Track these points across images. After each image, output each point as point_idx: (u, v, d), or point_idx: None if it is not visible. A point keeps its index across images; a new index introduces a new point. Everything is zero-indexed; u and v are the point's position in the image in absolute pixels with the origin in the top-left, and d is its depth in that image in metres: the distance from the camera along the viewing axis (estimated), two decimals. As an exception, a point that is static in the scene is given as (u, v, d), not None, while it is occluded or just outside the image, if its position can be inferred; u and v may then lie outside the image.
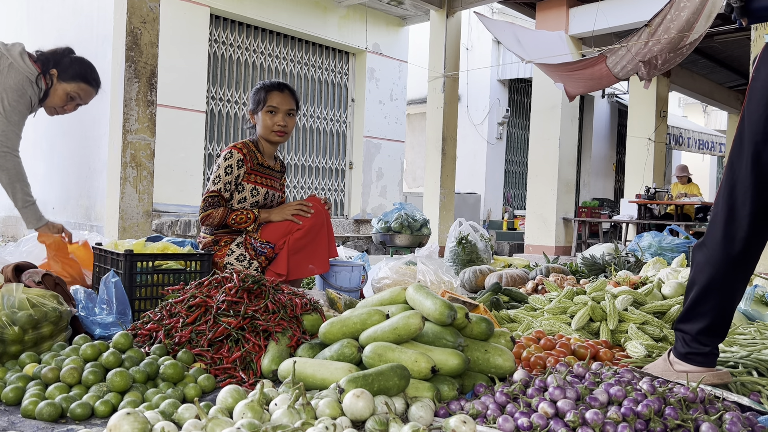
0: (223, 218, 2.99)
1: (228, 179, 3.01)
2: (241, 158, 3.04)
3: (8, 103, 2.78)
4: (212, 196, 3.00)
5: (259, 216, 3.02)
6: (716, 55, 11.09)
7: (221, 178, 3.00)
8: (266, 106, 3.13)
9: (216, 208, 2.99)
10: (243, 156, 3.06)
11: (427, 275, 3.14)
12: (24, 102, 2.84)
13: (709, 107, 17.40)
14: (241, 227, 3.02)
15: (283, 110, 3.14)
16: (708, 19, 5.44)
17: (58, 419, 1.52)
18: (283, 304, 2.08)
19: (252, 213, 3.01)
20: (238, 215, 3.00)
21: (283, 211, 3.04)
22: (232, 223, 3.00)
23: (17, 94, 2.80)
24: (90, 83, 3.03)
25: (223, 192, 3.01)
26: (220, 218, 2.99)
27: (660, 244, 4.87)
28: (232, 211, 3.01)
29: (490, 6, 10.84)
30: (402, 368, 1.59)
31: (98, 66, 3.13)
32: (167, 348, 1.93)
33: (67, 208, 7.00)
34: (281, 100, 3.14)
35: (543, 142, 8.76)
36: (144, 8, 4.23)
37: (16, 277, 2.28)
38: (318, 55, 9.35)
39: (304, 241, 3.03)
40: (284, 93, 3.16)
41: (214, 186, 3.01)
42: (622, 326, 2.46)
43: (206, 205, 3.00)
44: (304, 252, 3.05)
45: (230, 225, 3.02)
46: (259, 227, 3.05)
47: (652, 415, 1.42)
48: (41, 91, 2.91)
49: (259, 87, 3.18)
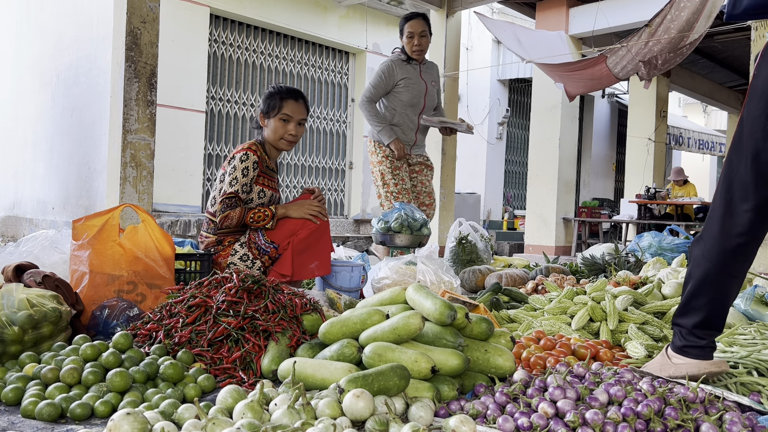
0: (241, 218, 2.99)
1: (245, 181, 3.02)
2: (256, 160, 3.05)
3: None
4: (230, 197, 2.99)
5: (276, 213, 3.02)
6: (716, 55, 11.09)
7: (238, 180, 3.00)
8: (280, 113, 3.11)
9: (233, 209, 2.99)
10: (257, 158, 3.06)
11: (427, 275, 3.14)
12: None
13: (709, 107, 17.40)
14: (260, 225, 3.02)
15: (296, 120, 3.14)
16: (708, 19, 5.44)
17: (58, 419, 1.52)
18: (282, 304, 2.08)
19: (270, 210, 3.01)
20: (256, 213, 3.00)
21: (302, 209, 3.05)
22: (250, 221, 3.00)
23: None
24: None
25: (240, 194, 3.01)
26: (238, 218, 2.99)
27: (660, 244, 4.87)
28: (249, 210, 3.01)
29: (490, 6, 10.83)
30: (402, 368, 1.59)
31: (98, 66, 3.13)
32: (167, 348, 1.92)
33: (67, 208, 6.99)
34: (295, 109, 3.13)
35: (543, 142, 8.75)
36: (144, 8, 4.23)
37: (16, 278, 2.28)
38: (318, 55, 9.35)
39: (308, 241, 3.04)
40: (299, 102, 3.15)
41: (231, 188, 3.00)
42: (622, 326, 2.46)
43: (224, 207, 2.99)
44: (308, 253, 3.06)
45: (249, 224, 3.02)
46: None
47: (652, 415, 1.42)
48: None
49: (275, 92, 3.15)
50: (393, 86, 4.62)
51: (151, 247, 2.56)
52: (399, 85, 4.60)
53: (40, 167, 7.58)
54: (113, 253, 2.51)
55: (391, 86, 4.61)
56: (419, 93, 4.66)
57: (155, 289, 2.51)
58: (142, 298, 2.49)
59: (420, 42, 4.53)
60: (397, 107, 4.65)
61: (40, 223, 7.34)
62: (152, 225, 2.60)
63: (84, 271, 2.49)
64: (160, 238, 2.59)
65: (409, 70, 4.61)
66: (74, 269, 2.54)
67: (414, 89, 4.63)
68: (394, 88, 4.62)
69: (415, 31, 4.50)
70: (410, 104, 4.65)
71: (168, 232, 6.70)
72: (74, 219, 2.60)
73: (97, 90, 6.40)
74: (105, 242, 2.52)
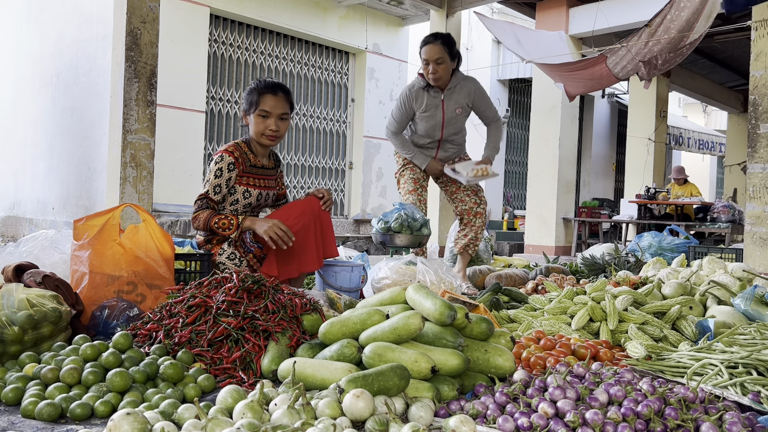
0: (207, 221, 2.91)
1: (217, 182, 2.96)
2: (232, 161, 2.98)
3: None
4: (201, 198, 2.96)
5: (242, 224, 2.90)
6: (716, 55, 11.09)
7: (210, 181, 2.96)
8: (258, 109, 3.03)
9: (203, 210, 2.94)
10: (234, 159, 3.00)
11: (427, 275, 3.14)
12: None
13: (709, 107, 17.40)
14: (224, 234, 2.93)
15: (276, 114, 3.05)
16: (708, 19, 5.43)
17: (57, 419, 1.52)
18: (282, 304, 2.08)
19: (235, 219, 2.90)
20: (220, 220, 2.90)
21: (265, 227, 2.84)
22: (214, 226, 2.90)
23: None
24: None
25: (211, 194, 2.96)
26: (204, 221, 2.92)
27: (660, 244, 4.87)
28: (216, 215, 2.91)
29: (490, 6, 10.83)
30: (402, 368, 1.59)
31: (98, 66, 3.13)
32: (167, 348, 1.92)
33: (67, 208, 6.99)
34: (274, 104, 3.04)
35: (543, 142, 8.75)
36: (144, 8, 4.23)
37: (16, 278, 2.28)
38: (318, 55, 9.35)
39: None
40: (277, 96, 3.05)
41: (203, 189, 2.97)
42: (622, 326, 2.46)
43: (196, 208, 2.96)
44: (290, 254, 2.99)
45: (213, 229, 2.92)
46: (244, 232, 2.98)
47: (652, 415, 1.42)
48: None
49: (252, 88, 3.08)
50: (414, 115, 4.29)
51: (151, 246, 2.56)
52: (416, 115, 4.28)
53: (40, 167, 7.58)
54: (113, 253, 2.51)
55: (411, 115, 4.29)
56: (435, 125, 4.27)
57: (155, 290, 2.51)
58: (142, 298, 2.49)
59: (436, 69, 4.09)
60: (414, 138, 4.37)
61: (40, 223, 7.34)
62: (153, 225, 2.60)
63: (84, 271, 2.49)
64: (160, 238, 2.59)
65: (428, 97, 4.23)
66: (74, 269, 2.55)
67: (429, 121, 4.26)
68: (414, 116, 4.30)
69: (429, 58, 4.10)
70: (426, 135, 4.32)
71: (168, 232, 6.71)
72: (74, 219, 2.60)
73: (97, 90, 6.40)
74: (105, 242, 2.52)
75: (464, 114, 4.34)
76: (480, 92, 4.33)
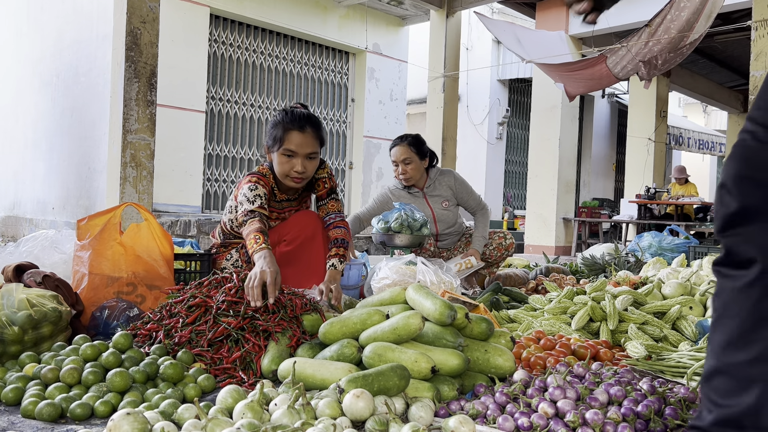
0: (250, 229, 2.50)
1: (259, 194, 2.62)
2: (266, 193, 2.66)
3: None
4: (251, 211, 2.55)
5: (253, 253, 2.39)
6: (716, 55, 11.10)
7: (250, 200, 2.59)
8: (282, 148, 2.63)
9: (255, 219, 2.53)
10: (267, 192, 2.68)
11: (427, 275, 3.13)
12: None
13: (709, 107, 17.41)
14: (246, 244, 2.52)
15: (303, 154, 2.64)
16: (708, 19, 5.44)
17: (57, 419, 1.52)
18: (282, 304, 2.08)
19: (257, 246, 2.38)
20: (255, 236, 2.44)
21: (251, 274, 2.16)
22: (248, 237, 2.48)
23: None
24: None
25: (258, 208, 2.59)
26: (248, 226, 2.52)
27: (660, 244, 4.87)
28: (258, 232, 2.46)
29: (490, 6, 10.84)
30: (402, 368, 1.59)
31: (98, 66, 3.12)
32: (167, 348, 1.92)
33: (67, 208, 7.00)
34: (301, 142, 2.62)
35: (543, 142, 8.76)
36: (144, 8, 4.23)
37: (16, 278, 2.28)
38: (318, 55, 9.35)
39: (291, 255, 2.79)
40: (305, 133, 2.63)
41: (250, 206, 2.58)
42: (622, 326, 2.46)
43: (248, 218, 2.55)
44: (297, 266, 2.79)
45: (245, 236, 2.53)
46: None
47: (652, 415, 1.42)
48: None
49: (278, 121, 2.68)
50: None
51: (152, 246, 2.56)
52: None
53: (40, 167, 7.58)
54: (113, 253, 2.51)
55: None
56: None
57: (155, 290, 2.51)
58: (141, 299, 2.49)
59: (405, 170, 3.93)
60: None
61: (40, 223, 7.34)
62: (154, 224, 2.60)
63: (84, 272, 2.49)
64: (161, 238, 2.58)
65: (410, 197, 4.07)
66: (76, 270, 2.55)
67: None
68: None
69: (397, 159, 3.94)
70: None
71: (168, 232, 6.71)
72: (74, 219, 2.60)
73: (97, 90, 6.40)
74: (105, 242, 2.52)
75: (452, 205, 4.18)
76: (460, 182, 4.20)
